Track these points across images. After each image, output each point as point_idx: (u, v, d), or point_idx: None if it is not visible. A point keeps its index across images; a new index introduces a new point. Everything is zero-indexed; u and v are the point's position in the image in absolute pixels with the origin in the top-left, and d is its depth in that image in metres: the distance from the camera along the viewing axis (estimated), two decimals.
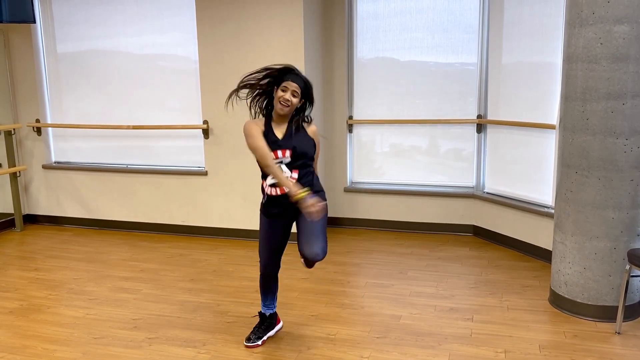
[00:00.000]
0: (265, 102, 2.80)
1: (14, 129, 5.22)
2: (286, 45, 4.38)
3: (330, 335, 3.04)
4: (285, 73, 2.71)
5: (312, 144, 2.78)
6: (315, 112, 4.72)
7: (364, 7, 4.81)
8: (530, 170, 4.28)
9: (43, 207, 5.44)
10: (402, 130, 4.91)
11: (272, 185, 2.76)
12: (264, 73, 2.76)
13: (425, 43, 4.72)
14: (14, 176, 5.20)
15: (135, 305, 3.49)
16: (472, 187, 4.81)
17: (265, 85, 2.75)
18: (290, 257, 4.31)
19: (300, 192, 2.59)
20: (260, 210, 2.88)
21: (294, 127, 2.74)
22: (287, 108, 2.68)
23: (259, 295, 3.57)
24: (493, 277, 3.85)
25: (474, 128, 4.72)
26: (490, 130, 4.63)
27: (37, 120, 5.27)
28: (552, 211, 3.99)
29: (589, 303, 3.18)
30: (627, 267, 2.98)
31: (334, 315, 3.30)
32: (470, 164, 4.80)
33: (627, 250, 3.07)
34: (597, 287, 3.16)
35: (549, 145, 4.09)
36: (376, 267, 4.08)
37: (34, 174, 5.40)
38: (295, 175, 2.72)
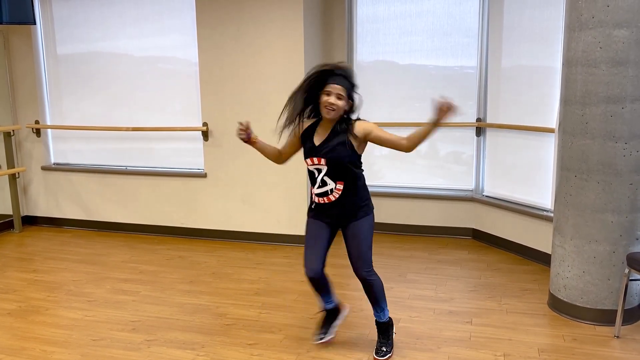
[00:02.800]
0: (312, 113, 2.69)
1: (13, 130, 5.21)
2: (286, 48, 4.39)
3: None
4: (326, 75, 2.57)
5: (349, 149, 2.60)
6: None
7: (364, 10, 4.82)
8: (529, 174, 4.29)
9: (42, 208, 5.44)
10: (402, 133, 4.90)
11: (320, 195, 2.69)
12: (305, 83, 2.61)
13: (425, 46, 4.73)
14: (13, 177, 5.20)
15: (134, 307, 3.48)
16: (472, 191, 4.82)
17: (305, 99, 2.63)
18: (290, 260, 4.31)
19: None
20: (308, 213, 2.84)
21: (335, 132, 2.61)
22: (333, 112, 2.56)
23: (260, 298, 3.58)
24: (492, 280, 3.85)
25: (473, 131, 4.73)
26: (490, 134, 4.63)
27: (37, 122, 5.27)
28: (552, 214, 4.00)
29: (588, 307, 3.18)
30: (626, 270, 2.98)
31: None
32: (469, 167, 4.80)
33: (626, 254, 3.08)
34: (596, 291, 3.16)
35: (548, 149, 4.09)
36: (376, 270, 4.06)
37: (33, 176, 5.39)
38: (340, 187, 2.65)
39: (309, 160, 2.68)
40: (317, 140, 2.65)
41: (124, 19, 4.94)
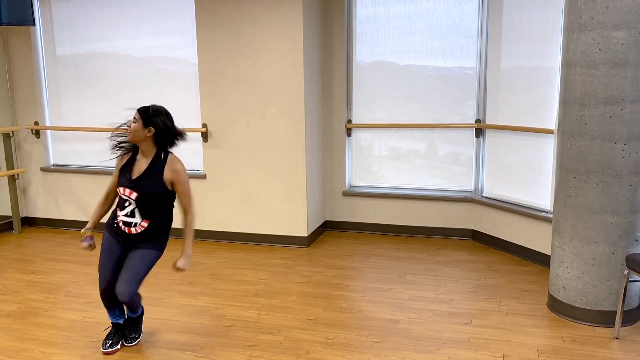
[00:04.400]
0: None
1: (12, 132, 5.21)
2: (285, 48, 4.39)
3: (328, 340, 3.04)
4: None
5: (163, 188, 2.77)
6: (314, 115, 4.74)
7: (363, 11, 4.83)
8: (528, 175, 4.29)
9: (41, 209, 5.43)
10: (401, 134, 4.92)
11: (125, 224, 2.79)
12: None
13: (424, 47, 4.73)
14: (12, 179, 5.20)
15: None
16: (471, 192, 4.82)
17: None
18: (289, 261, 4.31)
19: (83, 231, 2.88)
20: (106, 226, 2.91)
21: (153, 167, 2.76)
22: (129, 135, 2.74)
23: (259, 299, 3.58)
24: (491, 281, 3.85)
25: (472, 132, 4.73)
26: (489, 135, 4.63)
27: (36, 123, 5.26)
28: (551, 216, 4.00)
29: (588, 308, 3.18)
30: (626, 272, 2.98)
31: (333, 319, 3.29)
32: (468, 168, 4.80)
33: (626, 255, 3.08)
34: (595, 292, 3.16)
35: (547, 150, 4.10)
36: (375, 271, 4.08)
37: (32, 177, 5.39)
38: (145, 224, 2.79)
39: (121, 189, 2.79)
40: (136, 173, 2.78)
41: (124, 20, 4.94)
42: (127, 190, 2.75)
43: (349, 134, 5.03)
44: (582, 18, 3.00)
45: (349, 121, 5.00)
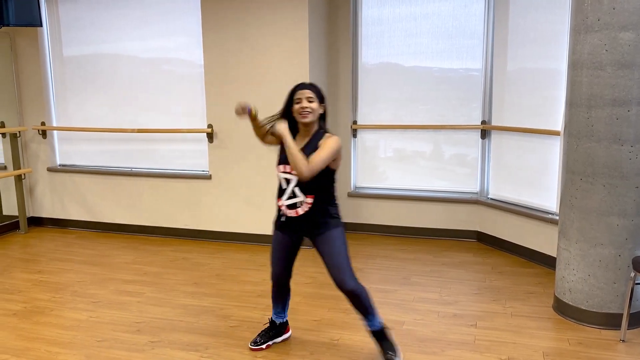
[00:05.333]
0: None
1: (19, 132, 5.24)
2: (291, 50, 4.40)
3: (333, 341, 3.04)
4: (291, 92, 2.63)
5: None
6: None
7: (369, 12, 4.83)
8: (534, 177, 4.28)
9: (47, 209, 5.46)
10: (406, 135, 4.92)
11: (290, 207, 2.65)
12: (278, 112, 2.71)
13: (429, 49, 4.72)
14: (19, 179, 5.22)
15: (139, 309, 3.49)
16: (476, 193, 4.80)
17: (282, 115, 2.68)
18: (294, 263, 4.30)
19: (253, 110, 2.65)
20: (274, 224, 2.81)
21: (312, 143, 2.60)
22: (309, 114, 2.56)
23: (264, 300, 3.58)
24: (497, 283, 3.83)
25: (478, 134, 4.72)
26: (495, 136, 4.62)
27: (43, 123, 5.29)
28: (557, 217, 3.98)
29: (594, 310, 3.17)
30: (632, 274, 2.96)
31: (338, 320, 3.29)
32: (473, 170, 4.79)
33: (632, 257, 3.06)
34: (601, 295, 3.14)
35: (553, 152, 4.08)
36: (379, 272, 4.07)
37: (39, 177, 5.42)
38: (310, 200, 2.61)
39: (281, 167, 2.66)
40: None
41: (130, 21, 4.96)
42: (287, 167, 2.61)
43: (354, 135, 5.03)
44: (589, 19, 2.99)
45: (354, 122, 5.00)
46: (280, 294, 2.91)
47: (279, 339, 3.01)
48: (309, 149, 2.60)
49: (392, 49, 4.82)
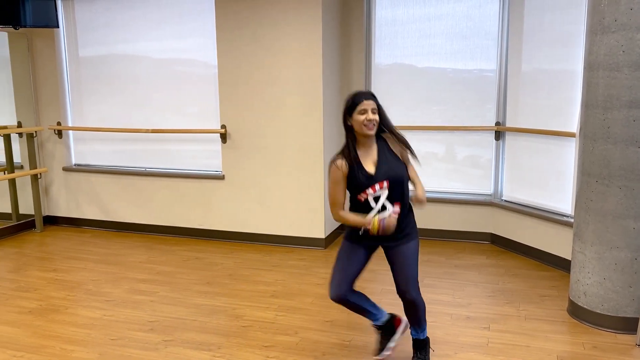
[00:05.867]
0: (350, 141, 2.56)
1: (35, 132, 5.31)
2: (304, 51, 4.40)
3: (345, 342, 3.03)
4: (353, 101, 2.51)
5: (403, 164, 2.57)
6: (332, 116, 4.74)
7: (382, 13, 4.82)
8: (549, 179, 4.24)
9: (63, 208, 5.52)
10: (419, 136, 4.90)
11: (381, 231, 2.49)
12: (343, 122, 2.57)
13: (443, 50, 4.70)
14: (35, 178, 5.29)
15: (152, 308, 3.51)
16: (490, 195, 4.77)
17: (345, 128, 2.56)
18: (306, 263, 4.31)
19: (374, 224, 2.44)
20: (345, 236, 2.69)
21: (384, 151, 2.53)
22: (374, 127, 2.49)
23: (276, 300, 3.59)
24: (510, 286, 3.80)
25: (492, 135, 4.69)
26: (509, 138, 4.59)
27: (59, 123, 5.35)
28: (572, 220, 3.94)
29: (609, 314, 3.13)
30: None
31: (349, 321, 3.29)
32: (487, 172, 4.76)
33: None
34: (617, 298, 3.10)
35: (568, 154, 4.04)
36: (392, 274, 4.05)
37: (55, 176, 5.48)
38: (397, 209, 2.52)
39: (369, 190, 2.49)
40: (371, 166, 2.52)
41: (145, 22, 5.00)
42: (377, 185, 2.49)
43: None
44: (606, 20, 2.96)
45: None
46: (357, 303, 2.68)
47: (397, 335, 2.80)
48: (390, 162, 2.53)
49: (406, 49, 4.81)
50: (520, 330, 3.14)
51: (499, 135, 4.65)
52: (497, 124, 4.64)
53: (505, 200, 4.66)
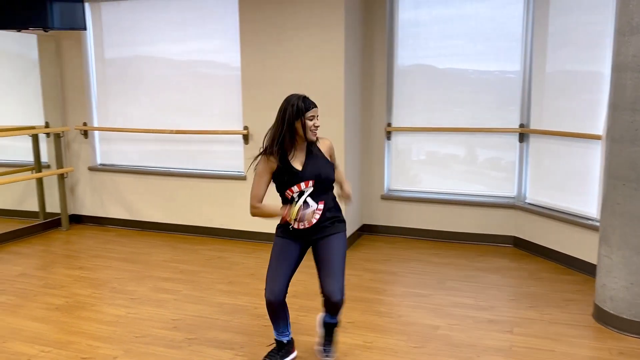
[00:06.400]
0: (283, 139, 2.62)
1: (62, 132, 5.41)
2: (326, 52, 4.41)
3: (367, 343, 3.03)
4: (305, 105, 2.58)
5: (331, 165, 2.69)
6: (354, 118, 4.75)
7: (405, 14, 4.81)
8: (574, 182, 4.18)
9: (88, 207, 5.62)
10: (441, 138, 4.87)
11: (299, 220, 2.61)
12: (281, 119, 2.63)
13: (466, 51, 4.67)
14: (61, 177, 5.39)
15: (175, 306, 3.56)
16: (513, 198, 4.72)
17: (287, 127, 2.60)
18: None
19: (292, 213, 2.57)
20: (278, 233, 2.76)
21: (313, 152, 2.64)
22: (317, 133, 2.64)
23: (298, 301, 3.60)
24: (534, 289, 3.76)
25: (515, 137, 4.64)
26: (533, 140, 4.54)
27: (85, 124, 5.45)
28: (597, 224, 3.88)
29: (636, 320, 3.07)
30: None
31: (371, 322, 3.29)
32: (509, 174, 4.72)
33: None
34: None
35: (594, 156, 3.98)
36: (414, 276, 4.05)
37: (80, 176, 5.58)
38: (321, 207, 2.62)
39: (295, 188, 2.61)
40: (299, 165, 2.62)
41: (169, 24, 5.07)
42: (302, 184, 2.60)
43: (389, 138, 5.01)
44: (634, 20, 2.91)
45: (389, 124, 4.98)
46: (281, 311, 2.71)
47: (289, 359, 2.82)
48: (318, 162, 2.63)
49: (429, 51, 4.79)
50: (544, 335, 3.10)
51: (523, 137, 4.61)
52: (521, 125, 4.59)
53: (529, 203, 4.60)
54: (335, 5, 4.33)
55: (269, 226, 4.86)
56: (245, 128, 4.80)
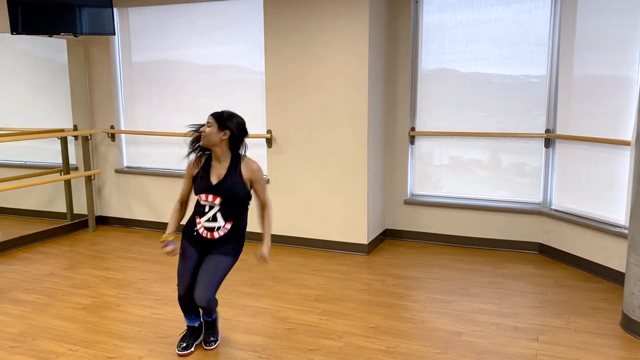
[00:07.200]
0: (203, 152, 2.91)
1: (90, 135, 5.52)
2: (350, 56, 4.43)
3: (389, 348, 3.02)
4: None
5: (244, 188, 2.84)
6: (377, 122, 4.75)
7: (430, 18, 4.79)
8: (601, 188, 4.11)
9: (114, 209, 5.71)
10: (465, 143, 4.84)
11: (207, 229, 2.84)
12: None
13: (492, 55, 4.64)
14: (89, 179, 5.50)
15: None
16: (539, 204, 4.66)
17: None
18: (348, 268, 4.32)
19: (165, 236, 2.87)
20: (183, 232, 2.96)
21: (231, 170, 2.81)
22: (204, 139, 2.77)
23: (319, 305, 3.61)
24: (559, 297, 3.71)
25: (540, 142, 4.59)
26: (559, 145, 4.48)
27: (112, 127, 5.55)
28: (626, 231, 3.81)
29: None
30: None
31: (394, 328, 3.27)
32: (534, 180, 4.66)
33: None
34: None
35: (623, 162, 3.91)
36: (437, 282, 4.02)
37: (107, 178, 5.68)
38: (228, 226, 2.84)
39: (202, 196, 2.82)
40: (214, 179, 2.81)
41: (195, 29, 5.14)
42: (210, 196, 2.80)
43: (412, 142, 4.99)
44: None
45: (412, 129, 4.97)
46: (192, 304, 2.95)
47: (199, 340, 3.09)
48: (231, 176, 2.80)
49: (453, 55, 4.76)
50: (570, 343, 3.05)
51: (549, 142, 4.55)
52: (547, 131, 4.54)
53: (554, 210, 4.54)
54: (360, 9, 4.34)
55: (291, 229, 4.90)
56: (269, 132, 4.84)
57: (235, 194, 2.81)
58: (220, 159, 2.84)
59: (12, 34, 4.73)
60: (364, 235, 4.64)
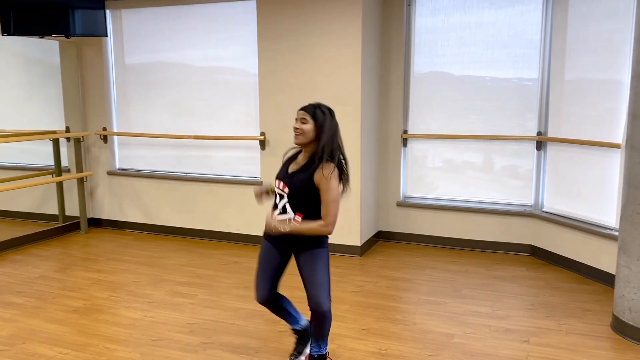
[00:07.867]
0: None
1: (82, 137, 5.50)
2: (344, 59, 4.44)
3: (381, 350, 3.03)
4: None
5: (306, 189, 2.57)
6: (370, 125, 4.76)
7: (422, 21, 4.81)
8: (592, 190, 4.14)
9: (106, 211, 5.69)
10: (457, 145, 4.86)
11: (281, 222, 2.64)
12: None
13: (484, 58, 4.66)
14: (81, 181, 5.48)
15: (191, 310, 3.58)
16: (531, 206, 4.69)
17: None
18: (342, 270, 4.32)
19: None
20: (263, 236, 2.79)
21: (308, 166, 2.59)
22: (300, 136, 2.57)
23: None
24: (551, 299, 3.73)
25: (532, 145, 4.61)
26: (551, 148, 4.50)
27: (104, 129, 5.53)
28: (616, 233, 3.84)
29: None
30: None
31: (386, 330, 3.28)
32: (526, 182, 4.68)
33: None
34: None
35: (613, 165, 3.94)
36: (429, 284, 4.03)
37: (99, 180, 5.66)
38: (299, 219, 2.60)
39: (277, 182, 2.68)
40: (292, 168, 2.66)
41: (188, 31, 5.13)
42: (282, 184, 2.64)
43: (405, 144, 5.01)
44: None
45: (405, 131, 4.98)
46: (278, 308, 2.80)
47: (308, 349, 2.87)
48: (301, 174, 2.58)
49: (445, 58, 4.78)
50: (561, 345, 3.07)
51: (540, 145, 4.58)
52: (539, 133, 4.56)
53: (546, 212, 4.57)
54: (353, 12, 4.35)
55: None
56: (262, 134, 4.84)
57: (300, 188, 2.58)
58: (305, 155, 2.65)
59: (3, 34, 4.70)
60: (357, 237, 4.65)
